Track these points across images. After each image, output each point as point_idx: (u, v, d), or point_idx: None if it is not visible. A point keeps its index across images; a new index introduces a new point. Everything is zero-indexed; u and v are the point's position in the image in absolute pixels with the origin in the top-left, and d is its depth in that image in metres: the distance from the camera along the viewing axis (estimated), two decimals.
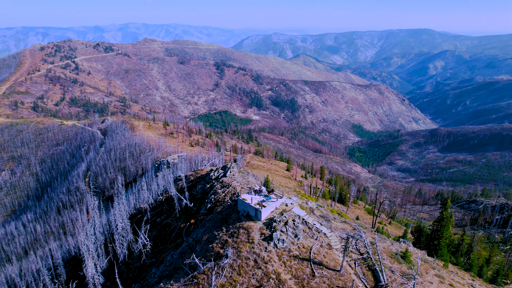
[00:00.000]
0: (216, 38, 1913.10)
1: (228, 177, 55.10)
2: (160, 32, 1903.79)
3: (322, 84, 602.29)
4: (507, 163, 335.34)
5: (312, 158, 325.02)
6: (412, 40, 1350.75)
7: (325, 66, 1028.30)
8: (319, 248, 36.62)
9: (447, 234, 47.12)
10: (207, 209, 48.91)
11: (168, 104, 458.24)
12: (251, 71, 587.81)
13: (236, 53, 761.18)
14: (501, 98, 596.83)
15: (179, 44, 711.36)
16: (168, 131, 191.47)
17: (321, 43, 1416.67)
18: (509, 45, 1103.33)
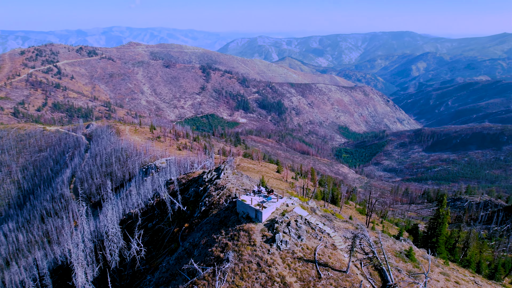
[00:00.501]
0: (201, 41, 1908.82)
1: (222, 179, 54.01)
2: (144, 36, 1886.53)
3: (308, 86, 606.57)
4: (488, 161, 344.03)
5: (300, 160, 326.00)
6: (395, 42, 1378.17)
7: (310, 68, 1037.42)
8: (323, 248, 35.73)
9: (444, 231, 47.15)
10: (202, 212, 47.56)
11: (154, 108, 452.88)
12: (237, 74, 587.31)
13: (222, 56, 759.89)
14: (481, 98, 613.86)
15: (164, 47, 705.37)
16: (155, 135, 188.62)
17: (306, 46, 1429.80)
18: (486, 47, 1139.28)
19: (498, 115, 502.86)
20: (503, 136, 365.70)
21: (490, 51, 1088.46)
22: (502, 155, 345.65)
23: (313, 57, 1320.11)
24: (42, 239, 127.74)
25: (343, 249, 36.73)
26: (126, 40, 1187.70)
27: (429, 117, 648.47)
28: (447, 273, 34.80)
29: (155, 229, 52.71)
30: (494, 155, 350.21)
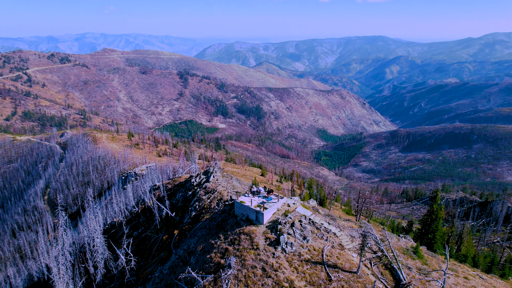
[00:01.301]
0: (178, 47, 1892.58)
1: (212, 182, 51.97)
2: (119, 42, 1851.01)
3: (286, 90, 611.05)
4: (460, 159, 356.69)
5: (281, 164, 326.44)
6: (368, 46, 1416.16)
7: (287, 73, 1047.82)
8: (331, 249, 34.29)
9: (440, 227, 47.15)
10: (192, 217, 45.38)
11: (131, 115, 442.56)
12: (215, 80, 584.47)
13: (199, 62, 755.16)
14: (451, 100, 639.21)
15: (140, 54, 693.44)
16: (133, 142, 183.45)
17: (283, 51, 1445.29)
18: (454, 51, 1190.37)
19: (467, 115, 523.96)
20: (473, 135, 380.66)
21: (457, 54, 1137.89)
22: (473, 153, 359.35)
23: (290, 61, 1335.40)
24: (14, 255, 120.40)
25: (351, 248, 35.48)
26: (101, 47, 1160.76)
27: (404, 119, 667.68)
28: (455, 269, 34.37)
29: (142, 238, 49.96)
30: (465, 153, 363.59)
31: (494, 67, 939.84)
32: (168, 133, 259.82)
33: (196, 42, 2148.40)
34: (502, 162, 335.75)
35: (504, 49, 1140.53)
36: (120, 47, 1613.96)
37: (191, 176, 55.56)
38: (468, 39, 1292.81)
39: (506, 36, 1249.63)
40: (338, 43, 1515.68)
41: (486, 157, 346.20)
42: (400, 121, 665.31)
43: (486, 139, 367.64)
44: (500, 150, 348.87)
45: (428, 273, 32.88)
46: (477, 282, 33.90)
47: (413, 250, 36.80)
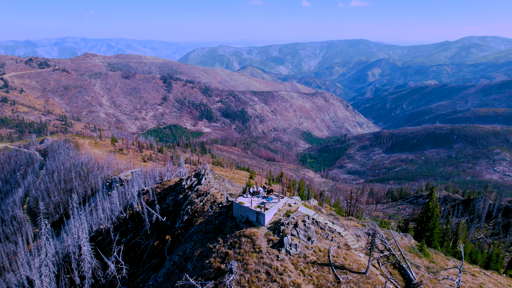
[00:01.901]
0: (161, 51, 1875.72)
1: (204, 184, 50.40)
2: (101, 47, 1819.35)
3: (270, 94, 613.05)
4: (441, 159, 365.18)
5: (267, 167, 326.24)
6: (351, 50, 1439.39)
7: (271, 76, 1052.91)
8: (337, 249, 33.12)
9: (438, 224, 47.13)
10: (184, 221, 43.65)
11: (114, 121, 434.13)
12: (200, 84, 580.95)
13: (183, 66, 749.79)
14: (431, 101, 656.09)
15: (123, 58, 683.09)
16: (117, 148, 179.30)
17: (267, 55, 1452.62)
18: (432, 54, 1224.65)
19: (447, 116, 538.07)
20: (453, 135, 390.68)
21: (436, 57, 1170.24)
22: (453, 152, 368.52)
23: (273, 65, 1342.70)
24: None
25: (357, 248, 34.49)
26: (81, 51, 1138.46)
27: (387, 120, 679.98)
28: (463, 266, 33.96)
29: (131, 244, 47.95)
30: (446, 153, 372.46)
31: (470, 69, 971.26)
32: (153, 138, 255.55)
33: (179, 46, 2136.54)
34: (480, 160, 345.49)
35: (479, 52, 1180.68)
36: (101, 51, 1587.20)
37: (181, 179, 53.58)
38: (445, 43, 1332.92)
39: (480, 39, 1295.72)
40: (321, 47, 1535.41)
41: (466, 156, 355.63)
42: (383, 122, 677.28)
43: (466, 139, 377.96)
44: (479, 149, 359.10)
45: (437, 271, 32.21)
46: (485, 279, 33.59)
47: (419, 248, 36.26)
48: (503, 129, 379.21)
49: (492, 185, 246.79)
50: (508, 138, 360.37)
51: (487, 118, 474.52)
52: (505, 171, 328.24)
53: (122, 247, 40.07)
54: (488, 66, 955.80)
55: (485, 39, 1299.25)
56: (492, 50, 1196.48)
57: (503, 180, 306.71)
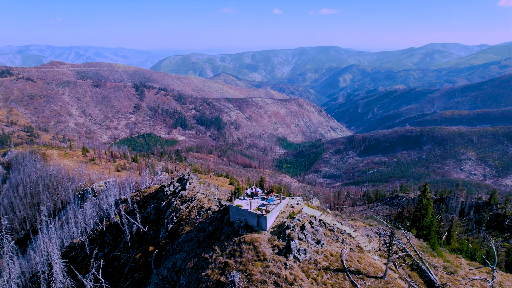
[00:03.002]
0: (132, 59, 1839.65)
1: (189, 190, 47.95)
2: (69, 55, 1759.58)
3: (245, 100, 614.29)
4: (413, 160, 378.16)
5: (244, 173, 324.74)
6: (322, 56, 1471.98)
7: (245, 83, 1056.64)
8: (349, 253, 30.64)
9: (435, 221, 47.49)
10: (169, 230, 41.07)
11: (85, 131, 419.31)
12: (173, 91, 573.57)
13: (156, 74, 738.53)
14: (400, 105, 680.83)
15: (92, 66, 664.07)
16: (88, 158, 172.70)
17: (240, 62, 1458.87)
18: (400, 59, 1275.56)
19: (416, 119, 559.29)
20: (423, 137, 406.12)
21: (403, 63, 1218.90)
22: (424, 154, 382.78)
23: (247, 72, 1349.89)
24: None
25: (371, 250, 32.20)
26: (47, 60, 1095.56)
27: (359, 124, 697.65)
28: (474, 264, 33.28)
29: (109, 258, 44.89)
30: (417, 154, 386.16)
31: (435, 74, 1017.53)
32: (126, 147, 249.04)
33: (151, 54, 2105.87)
34: (448, 161, 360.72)
35: (442, 58, 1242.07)
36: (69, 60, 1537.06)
37: (163, 185, 50.75)
38: (411, 49, 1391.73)
39: (442, 46, 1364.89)
40: (293, 54, 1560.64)
41: (435, 157, 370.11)
42: (356, 126, 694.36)
43: (434, 140, 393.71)
44: (446, 150, 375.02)
45: (455, 271, 30.63)
46: (502, 278, 32.46)
47: (431, 247, 34.98)
48: (467, 130, 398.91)
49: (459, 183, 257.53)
50: (472, 139, 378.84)
51: (452, 120, 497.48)
52: (471, 170, 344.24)
53: (101, 262, 37.00)
54: (451, 71, 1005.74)
55: (447, 46, 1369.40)
56: (453, 56, 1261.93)
57: (469, 179, 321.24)
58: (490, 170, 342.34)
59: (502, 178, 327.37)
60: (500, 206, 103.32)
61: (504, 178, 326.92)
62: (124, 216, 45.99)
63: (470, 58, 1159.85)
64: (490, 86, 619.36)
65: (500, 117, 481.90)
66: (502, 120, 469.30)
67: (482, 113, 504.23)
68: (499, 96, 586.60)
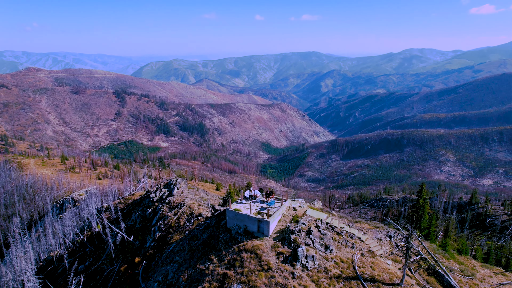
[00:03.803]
0: (113, 66, 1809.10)
1: (177, 195, 45.44)
2: (46, 61, 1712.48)
3: (228, 106, 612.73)
4: (395, 163, 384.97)
5: (229, 179, 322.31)
6: (304, 62, 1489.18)
7: (228, 89, 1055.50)
8: (361, 258, 28.47)
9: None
10: (156, 239, 38.32)
11: (64, 139, 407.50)
12: (155, 98, 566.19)
13: (137, 80, 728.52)
14: (381, 109, 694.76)
15: (71, 73, 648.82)
16: (68, 166, 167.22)
17: (222, 68, 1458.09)
18: (379, 64, 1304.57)
19: (396, 122, 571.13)
20: (404, 140, 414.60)
21: (382, 68, 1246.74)
22: (405, 156, 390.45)
23: (230, 78, 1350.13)
24: None
25: (383, 254, 30.04)
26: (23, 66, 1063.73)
27: (341, 128, 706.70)
28: (487, 266, 32.43)
29: (91, 272, 41.89)
30: (399, 157, 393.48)
31: (413, 79, 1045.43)
32: (107, 155, 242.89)
33: (132, 60, 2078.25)
34: (429, 162, 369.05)
35: (419, 63, 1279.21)
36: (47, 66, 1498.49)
37: (148, 191, 47.88)
38: (390, 54, 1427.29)
39: (419, 51, 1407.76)
40: (275, 59, 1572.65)
41: (416, 159, 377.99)
42: (338, 130, 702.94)
43: (415, 142, 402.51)
44: (427, 152, 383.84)
45: (472, 274, 28.89)
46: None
47: (442, 249, 33.64)
48: (446, 133, 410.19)
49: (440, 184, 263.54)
50: (450, 141, 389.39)
51: (431, 123, 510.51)
52: (450, 171, 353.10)
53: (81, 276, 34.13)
54: (428, 76, 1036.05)
55: (424, 51, 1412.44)
56: (430, 61, 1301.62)
57: (448, 180, 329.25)
58: (468, 170, 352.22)
59: (479, 178, 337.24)
60: (481, 205, 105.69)
61: (481, 178, 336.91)
62: (107, 225, 42.97)
63: (445, 63, 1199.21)
64: (465, 90, 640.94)
65: (475, 120, 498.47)
66: (477, 123, 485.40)
67: (459, 116, 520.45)
68: (473, 99, 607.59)
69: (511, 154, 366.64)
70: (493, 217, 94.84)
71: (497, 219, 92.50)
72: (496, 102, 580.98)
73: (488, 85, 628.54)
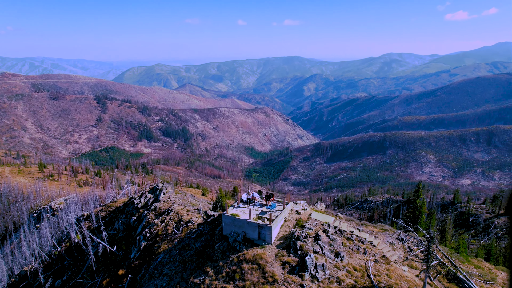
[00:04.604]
0: (93, 71, 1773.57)
1: (163, 201, 42.64)
2: (22, 67, 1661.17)
3: (211, 111, 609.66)
4: (377, 165, 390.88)
5: (213, 184, 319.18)
6: (286, 66, 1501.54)
7: (211, 94, 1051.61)
8: (375, 265, 25.81)
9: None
10: (142, 249, 35.54)
11: (42, 146, 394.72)
12: (137, 103, 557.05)
13: (118, 85, 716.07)
14: (363, 112, 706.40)
15: (50, 78, 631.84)
16: (46, 174, 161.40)
17: (205, 72, 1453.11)
18: (360, 68, 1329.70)
19: (378, 125, 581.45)
20: (386, 142, 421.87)
21: (363, 72, 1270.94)
22: (387, 158, 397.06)
23: (213, 83, 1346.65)
24: None
25: (397, 260, 27.61)
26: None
27: (324, 132, 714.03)
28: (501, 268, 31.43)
29: (69, 287, 38.73)
30: (381, 159, 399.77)
31: (393, 82, 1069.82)
32: (88, 162, 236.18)
33: (113, 65, 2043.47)
34: (410, 164, 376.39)
35: (399, 67, 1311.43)
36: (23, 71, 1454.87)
37: (132, 198, 44.51)
38: (370, 58, 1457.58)
39: (399, 56, 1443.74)
40: (258, 64, 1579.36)
41: (398, 160, 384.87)
42: (321, 134, 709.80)
43: (397, 144, 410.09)
44: (408, 154, 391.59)
45: (493, 279, 27.06)
46: None
47: (456, 251, 32.06)
48: (426, 134, 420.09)
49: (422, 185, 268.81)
50: (431, 142, 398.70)
51: (411, 125, 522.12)
52: (431, 172, 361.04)
53: None
54: (407, 79, 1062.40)
55: (403, 56, 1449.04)
56: (409, 65, 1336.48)
57: (430, 180, 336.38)
58: (448, 171, 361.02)
59: (459, 178, 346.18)
60: (464, 204, 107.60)
61: (460, 178, 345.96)
62: (87, 235, 39.61)
63: (423, 67, 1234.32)
64: (443, 93, 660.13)
65: (454, 122, 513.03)
66: (456, 124, 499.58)
67: (438, 118, 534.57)
68: (451, 102, 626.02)
69: (488, 154, 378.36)
70: (475, 216, 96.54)
71: (480, 218, 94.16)
72: (471, 104, 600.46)
73: (464, 88, 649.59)
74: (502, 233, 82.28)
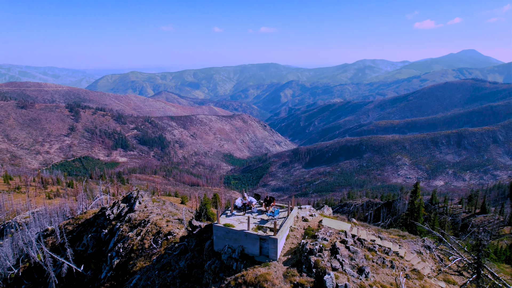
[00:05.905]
0: (65, 79, 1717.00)
1: (139, 210, 38.04)
2: None
3: (188, 118, 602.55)
4: (355, 168, 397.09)
5: (192, 192, 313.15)
6: (263, 73, 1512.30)
7: (188, 101, 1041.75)
8: (406, 281, 21.00)
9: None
10: (114, 268, 31.28)
11: (9, 157, 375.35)
12: (112, 111, 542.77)
13: (92, 93, 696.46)
14: (339, 117, 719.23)
15: (17, 86, 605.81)
16: (12, 187, 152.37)
17: (182, 80, 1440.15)
18: (335, 75, 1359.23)
19: (354, 129, 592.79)
20: (362, 146, 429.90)
21: (338, 78, 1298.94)
22: (364, 162, 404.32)
23: (189, 90, 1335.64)
24: None
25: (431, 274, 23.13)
26: None
27: (302, 137, 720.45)
28: None
29: None
30: (358, 163, 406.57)
31: (367, 88, 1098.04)
32: (60, 172, 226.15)
33: (86, 73, 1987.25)
34: (386, 167, 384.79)
35: (372, 73, 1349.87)
36: None
37: (104, 208, 40.22)
38: (344, 65, 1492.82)
39: (372, 62, 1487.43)
40: (235, 71, 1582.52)
41: (375, 164, 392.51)
42: (299, 139, 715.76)
43: (373, 148, 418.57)
44: (384, 157, 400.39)
45: None
46: None
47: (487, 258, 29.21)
48: (400, 138, 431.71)
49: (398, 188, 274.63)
50: (405, 145, 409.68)
51: (386, 129, 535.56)
52: (406, 174, 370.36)
53: None
54: (381, 85, 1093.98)
55: (375, 62, 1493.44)
56: (382, 71, 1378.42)
57: (406, 183, 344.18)
58: (422, 173, 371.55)
59: (433, 180, 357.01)
60: (441, 205, 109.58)
61: (434, 180, 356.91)
62: (47, 254, 34.35)
63: (395, 73, 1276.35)
64: (414, 98, 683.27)
65: (426, 125, 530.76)
66: (428, 127, 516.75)
67: (411, 122, 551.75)
68: (422, 106, 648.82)
69: (458, 156, 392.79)
70: (453, 215, 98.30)
71: (457, 217, 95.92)
72: (441, 108, 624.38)
73: (434, 93, 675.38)
74: (479, 232, 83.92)
